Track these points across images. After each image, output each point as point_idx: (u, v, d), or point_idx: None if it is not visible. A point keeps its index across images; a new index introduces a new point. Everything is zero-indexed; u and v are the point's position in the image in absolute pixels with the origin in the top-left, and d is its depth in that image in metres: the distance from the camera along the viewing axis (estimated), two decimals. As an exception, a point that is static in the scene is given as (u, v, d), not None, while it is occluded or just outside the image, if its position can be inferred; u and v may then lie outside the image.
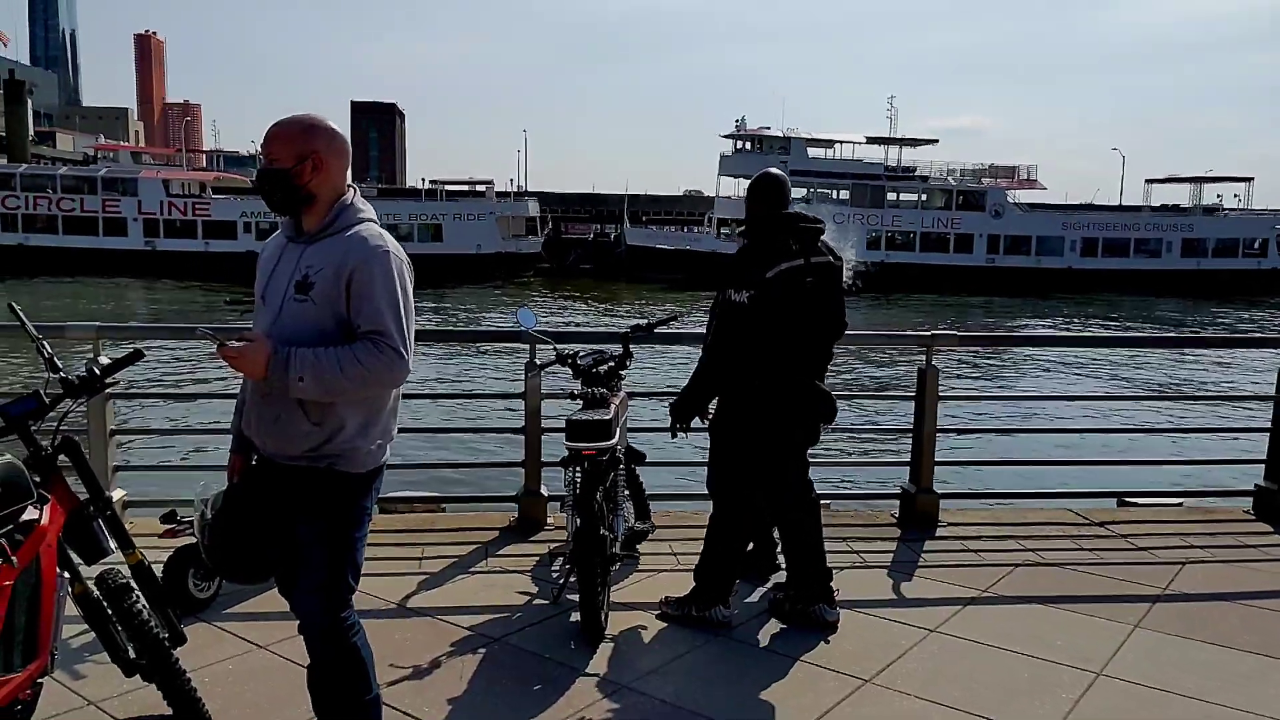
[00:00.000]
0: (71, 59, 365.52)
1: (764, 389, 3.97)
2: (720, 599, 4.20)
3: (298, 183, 2.68)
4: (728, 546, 4.19)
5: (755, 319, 3.89)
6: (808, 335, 4.01)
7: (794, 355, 3.99)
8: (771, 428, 4.04)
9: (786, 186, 4.11)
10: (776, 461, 4.13)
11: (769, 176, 4.12)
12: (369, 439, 2.78)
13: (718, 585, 4.20)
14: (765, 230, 4.01)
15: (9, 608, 2.58)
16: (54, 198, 48.12)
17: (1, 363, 20.30)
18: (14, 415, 2.79)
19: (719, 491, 4.21)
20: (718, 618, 4.18)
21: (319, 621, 2.78)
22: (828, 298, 3.99)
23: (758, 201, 4.07)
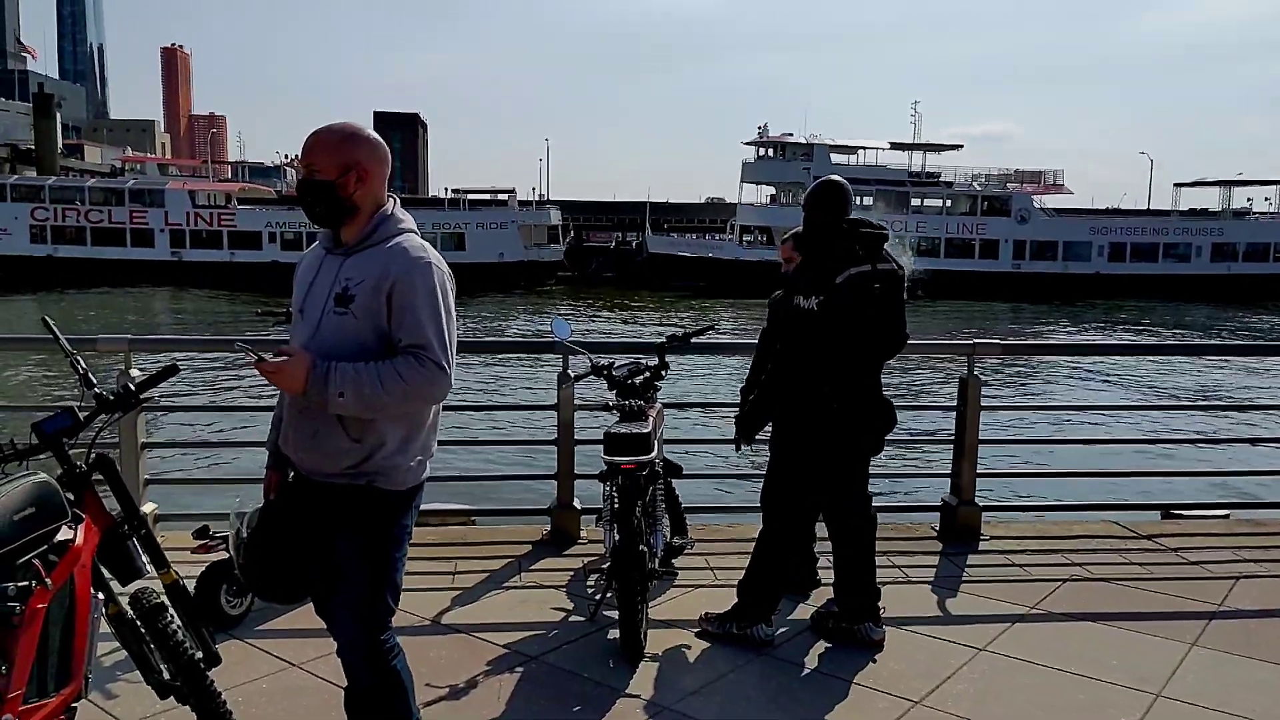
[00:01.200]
0: (99, 73, 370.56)
1: (834, 396, 3.87)
2: (763, 617, 4.09)
3: (342, 195, 2.60)
4: (776, 562, 4.09)
5: (825, 325, 3.80)
6: (874, 342, 3.91)
7: (862, 362, 3.92)
8: (841, 435, 3.94)
9: (848, 193, 4.02)
10: (845, 469, 4.05)
11: (832, 183, 4.02)
12: (409, 456, 2.70)
13: (762, 602, 4.10)
14: (827, 236, 3.90)
15: (43, 630, 2.52)
16: (82, 209, 48.69)
17: (32, 376, 20.48)
18: (48, 432, 2.73)
19: (775, 504, 4.10)
20: (760, 636, 4.07)
21: (358, 644, 2.70)
22: (892, 306, 3.90)
23: (819, 208, 3.95)
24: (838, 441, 3.95)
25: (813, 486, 4.04)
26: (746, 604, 4.10)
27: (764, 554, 4.11)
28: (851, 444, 3.99)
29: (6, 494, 2.46)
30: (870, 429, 4.00)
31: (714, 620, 4.17)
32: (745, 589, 4.13)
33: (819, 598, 4.56)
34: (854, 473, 4.10)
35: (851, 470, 4.08)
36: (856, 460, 4.08)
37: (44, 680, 2.55)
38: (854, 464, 4.08)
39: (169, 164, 72.12)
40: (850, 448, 4.01)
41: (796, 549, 4.24)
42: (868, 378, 3.97)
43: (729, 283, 45.99)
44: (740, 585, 4.16)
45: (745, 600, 4.11)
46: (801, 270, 3.89)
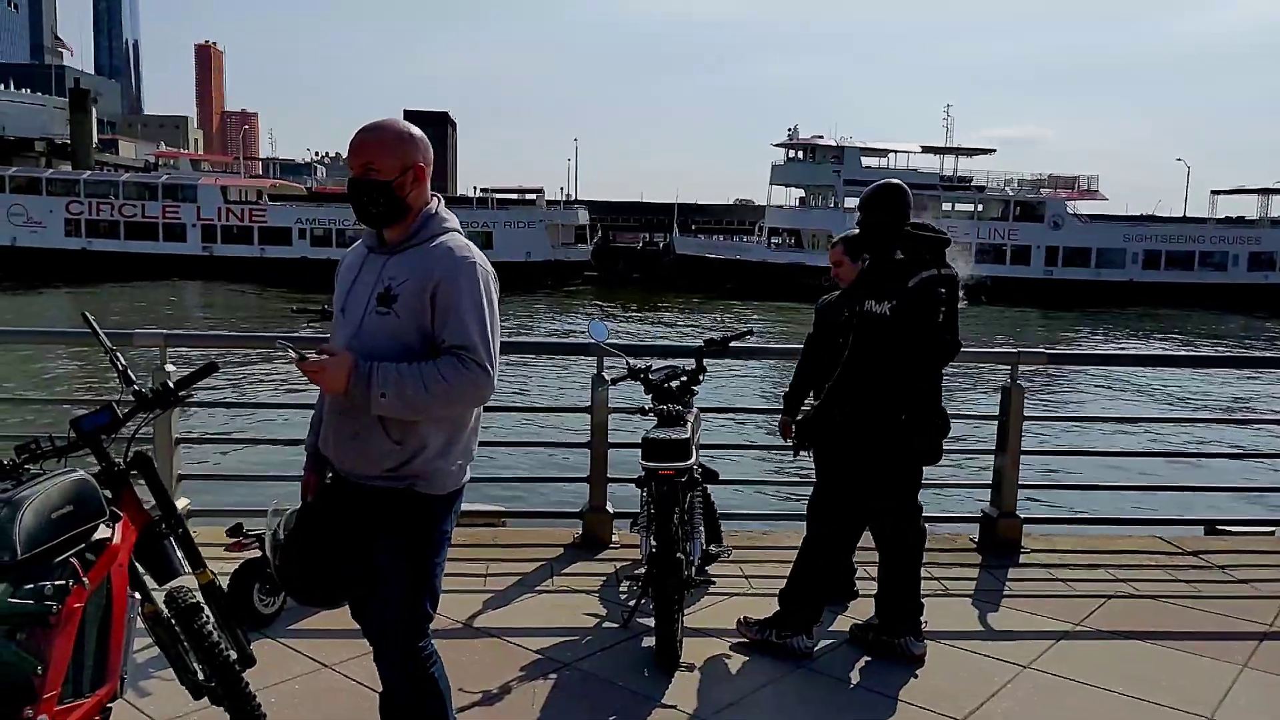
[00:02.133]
0: (134, 68, 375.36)
1: (902, 403, 3.78)
2: (804, 627, 4.01)
3: (399, 195, 2.56)
4: (821, 571, 4.01)
5: (897, 331, 3.71)
6: (939, 349, 3.83)
7: (927, 369, 3.83)
8: (904, 443, 3.85)
9: (909, 195, 3.93)
10: (903, 478, 3.97)
11: (893, 185, 3.92)
12: (450, 459, 2.64)
13: (803, 612, 4.01)
14: (889, 239, 3.80)
15: (79, 630, 2.48)
16: (116, 204, 49.25)
17: (66, 368, 20.71)
18: (87, 430, 2.70)
19: (826, 512, 4.01)
20: (799, 647, 3.99)
21: (395, 650, 2.65)
22: (951, 312, 3.81)
23: (880, 209, 3.85)
24: (900, 449, 3.86)
25: (870, 495, 3.94)
26: (788, 613, 4.02)
27: (809, 562, 4.02)
28: (911, 452, 3.90)
29: (44, 492, 2.43)
30: (929, 437, 3.91)
31: (753, 625, 4.09)
32: (787, 597, 4.05)
33: (856, 610, 4.47)
34: (911, 482, 4.00)
35: (908, 479, 3.99)
36: (914, 469, 3.99)
37: (80, 680, 2.51)
38: (911, 473, 3.98)
39: (201, 160, 72.94)
40: (910, 456, 3.91)
41: (843, 559, 4.15)
42: (930, 385, 3.89)
43: (756, 285, 45.82)
44: (782, 594, 4.08)
45: (786, 609, 4.03)
46: (871, 274, 3.76)
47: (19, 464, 2.58)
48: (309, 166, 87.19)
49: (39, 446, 2.64)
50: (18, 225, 48.02)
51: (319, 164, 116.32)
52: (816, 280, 38.34)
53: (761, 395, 18.54)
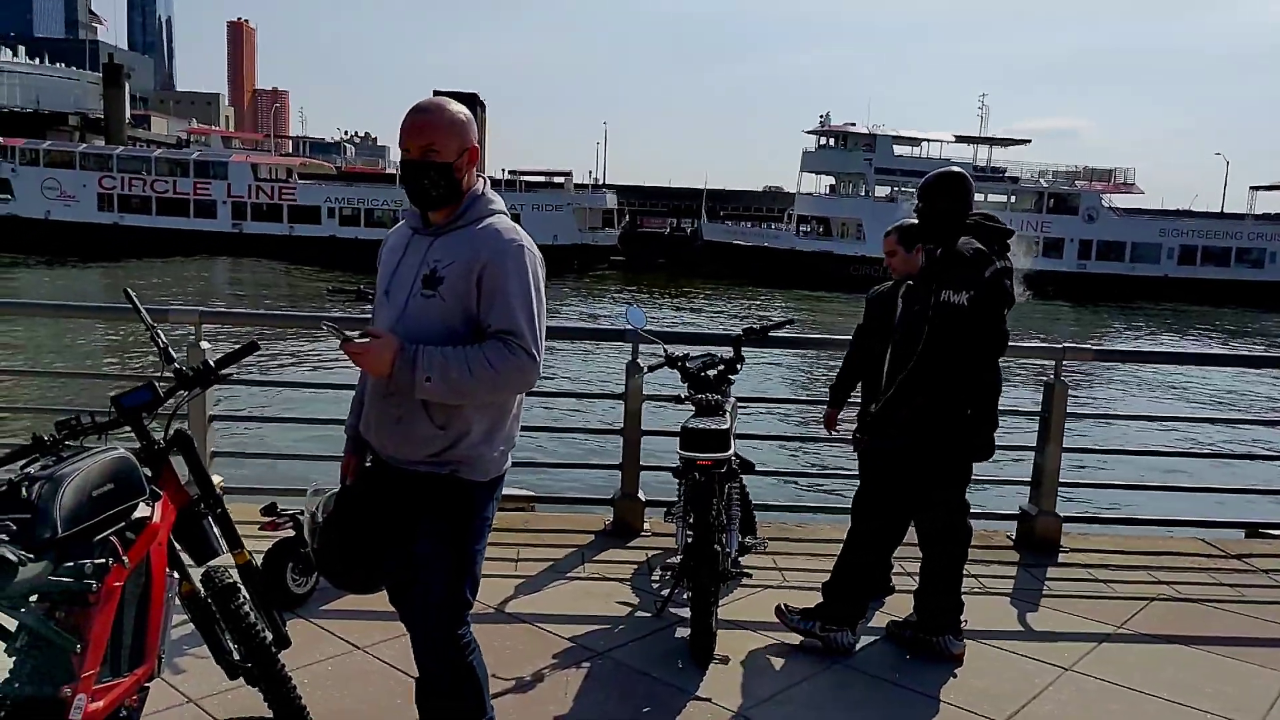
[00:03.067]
0: (167, 45, 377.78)
1: (970, 397, 3.69)
2: (849, 622, 3.93)
3: (458, 177, 2.51)
4: (869, 565, 3.93)
5: (974, 322, 3.60)
6: (1003, 341, 3.75)
7: (994, 361, 3.74)
8: (969, 437, 3.76)
9: (972, 185, 3.83)
10: (959, 474, 3.87)
11: (958, 173, 3.81)
12: (493, 445, 2.60)
13: (849, 606, 3.93)
14: (954, 227, 3.68)
15: (118, 609, 2.46)
16: (148, 179, 49.61)
17: (101, 342, 20.93)
18: (127, 407, 2.67)
19: (877, 506, 3.90)
20: (842, 643, 3.91)
21: (434, 637, 2.61)
22: (1009, 306, 3.73)
23: (946, 197, 3.72)
24: (962, 444, 3.77)
25: (925, 490, 3.84)
26: (832, 607, 3.94)
27: (857, 558, 3.93)
28: (970, 447, 3.80)
29: (85, 470, 2.40)
30: (985, 433, 3.82)
31: (794, 616, 4.01)
32: (832, 592, 3.97)
33: (892, 605, 4.40)
34: (963, 477, 3.91)
35: (962, 475, 3.89)
36: (967, 465, 3.89)
37: (117, 659, 2.49)
38: (965, 468, 3.89)
39: (232, 137, 73.33)
40: (969, 452, 3.82)
41: (890, 553, 4.06)
42: (994, 379, 3.81)
43: (784, 273, 45.59)
44: (826, 586, 4.01)
45: (831, 603, 3.95)
46: (946, 263, 3.61)
47: (59, 440, 2.56)
48: (338, 146, 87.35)
49: (79, 423, 2.61)
50: (51, 199, 48.50)
51: (348, 143, 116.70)
52: (845, 269, 38.29)
53: (789, 385, 18.45)
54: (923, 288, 3.60)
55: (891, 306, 4.14)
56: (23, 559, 2.14)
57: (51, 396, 12.04)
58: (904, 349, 3.64)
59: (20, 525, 2.22)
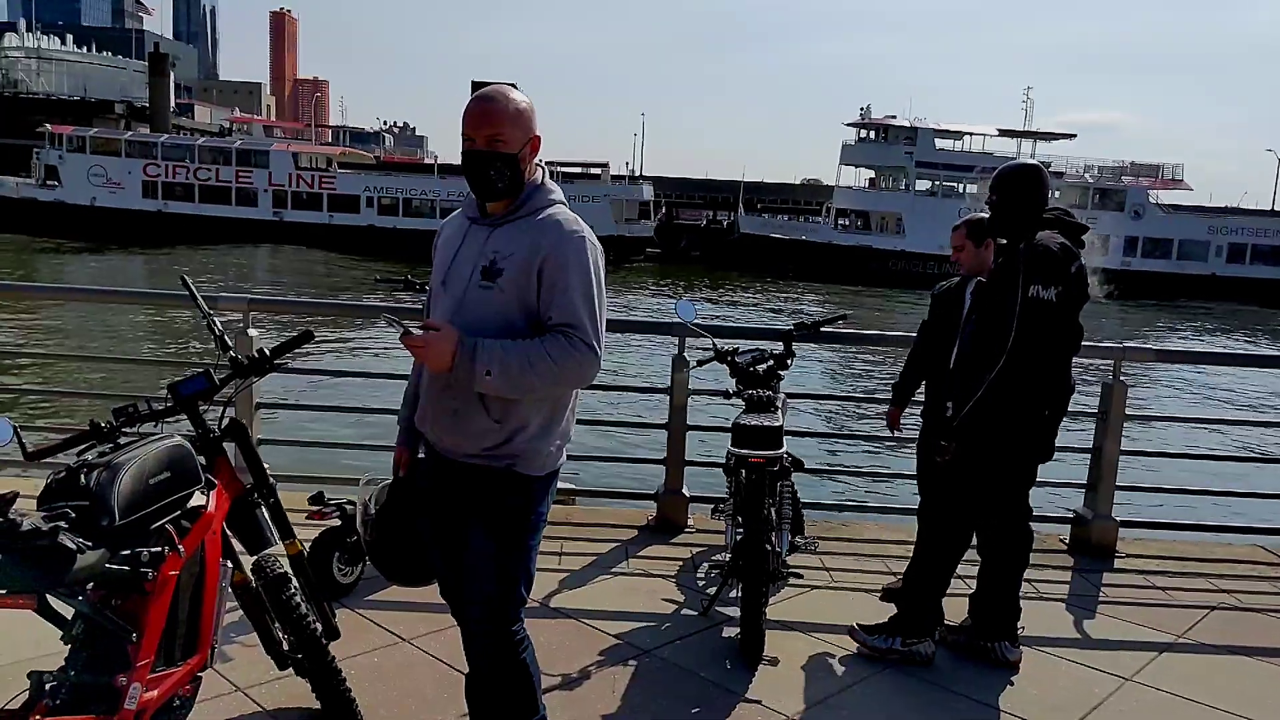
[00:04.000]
0: (211, 34, 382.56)
1: (1050, 397, 3.58)
2: (929, 631, 3.79)
3: (521, 167, 2.45)
4: (945, 572, 3.79)
5: (1061, 318, 3.50)
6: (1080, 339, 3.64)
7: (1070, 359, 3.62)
8: (1043, 439, 3.65)
9: (1049, 179, 3.72)
10: (1029, 475, 3.75)
11: (1037, 167, 3.69)
12: (549, 439, 2.55)
13: (927, 615, 3.79)
14: (1032, 222, 3.55)
15: (173, 598, 2.44)
16: (192, 167, 50.19)
17: (146, 327, 21.22)
18: (184, 395, 2.65)
19: (953, 511, 3.75)
20: (924, 654, 3.77)
21: (488, 633, 2.57)
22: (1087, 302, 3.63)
23: (1027, 190, 3.59)
24: (1034, 447, 3.66)
25: (999, 493, 3.72)
26: (909, 617, 3.79)
27: (932, 564, 3.78)
28: (1040, 450, 3.69)
29: (143, 457, 2.38)
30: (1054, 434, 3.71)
31: (873, 635, 3.84)
32: (907, 601, 3.82)
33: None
34: (1030, 481, 3.80)
35: (1029, 478, 3.78)
36: (1034, 467, 3.78)
37: (171, 649, 2.48)
38: (1032, 471, 3.77)
39: (274, 126, 74.06)
40: (1037, 454, 3.71)
41: (960, 558, 3.94)
42: (1070, 378, 3.70)
43: (821, 267, 45.23)
44: (900, 596, 3.87)
45: (908, 613, 3.80)
46: (1033, 258, 3.46)
47: (116, 427, 2.55)
48: (377, 135, 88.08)
49: (136, 410, 2.60)
50: (97, 186, 49.23)
51: (387, 133, 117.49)
52: (884, 264, 37.90)
53: (828, 380, 18.29)
54: (1007, 283, 3.43)
55: (959, 303, 4.03)
56: (81, 546, 2.13)
57: (93, 381, 12.23)
58: (985, 347, 3.47)
59: (79, 512, 2.20)
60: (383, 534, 2.80)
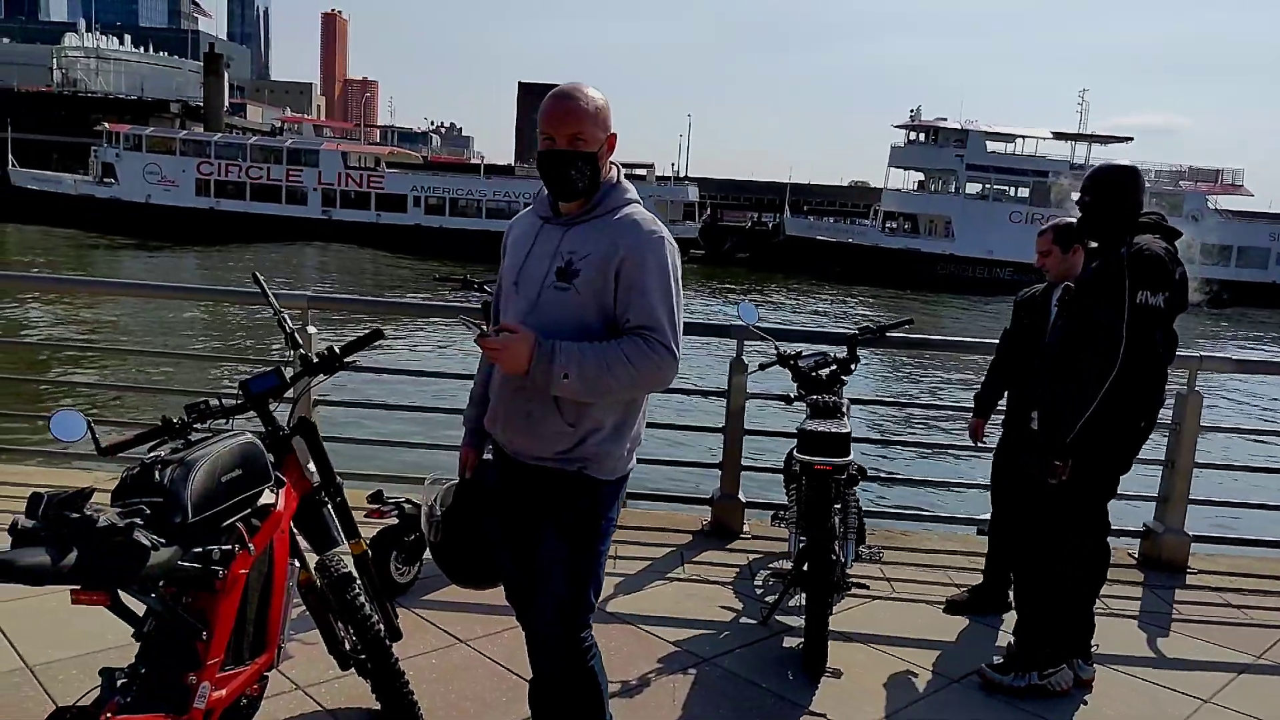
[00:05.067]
0: (264, 35, 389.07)
1: (1148, 407, 3.44)
2: (1063, 658, 3.62)
3: (601, 166, 2.41)
4: (1083, 592, 3.64)
5: (1167, 325, 3.37)
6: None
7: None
8: (1133, 451, 3.51)
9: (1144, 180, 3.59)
10: (1112, 489, 3.59)
11: (1133, 168, 3.54)
12: (621, 443, 2.49)
13: (1059, 642, 3.62)
14: (1130, 226, 3.41)
15: (242, 597, 2.43)
16: (244, 166, 50.99)
17: (194, 327, 21.57)
18: (255, 392, 2.64)
19: (1065, 529, 3.56)
20: (1064, 684, 3.59)
21: (556, 640, 2.52)
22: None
23: (1125, 192, 3.45)
24: (1124, 459, 3.54)
25: (1085, 507, 3.56)
26: (1041, 649, 3.60)
27: (1060, 586, 3.59)
28: (1127, 462, 3.56)
29: (215, 454, 2.37)
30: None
31: (1005, 672, 3.63)
32: (1033, 633, 3.62)
33: (1010, 624, 4.18)
34: (1111, 494, 3.66)
35: (1111, 492, 3.64)
36: (1116, 480, 3.63)
37: (240, 647, 2.46)
38: (1115, 484, 3.62)
39: (324, 126, 75.10)
40: (1122, 466, 3.58)
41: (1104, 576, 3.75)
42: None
43: (868, 270, 44.80)
44: (1023, 630, 3.66)
45: (1039, 645, 3.60)
46: (1140, 263, 3.30)
47: (188, 423, 2.54)
48: (425, 136, 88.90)
49: (207, 406, 2.59)
50: (152, 183, 50.22)
51: (434, 133, 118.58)
52: (931, 268, 37.37)
53: (879, 385, 18.06)
54: (1112, 289, 3.26)
55: (1044, 310, 3.91)
56: (155, 543, 2.11)
57: (150, 376, 12.44)
58: (1093, 358, 3.28)
59: (152, 509, 2.19)
60: (449, 536, 2.76)
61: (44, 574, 1.96)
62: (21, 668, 3.31)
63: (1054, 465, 3.32)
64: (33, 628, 3.51)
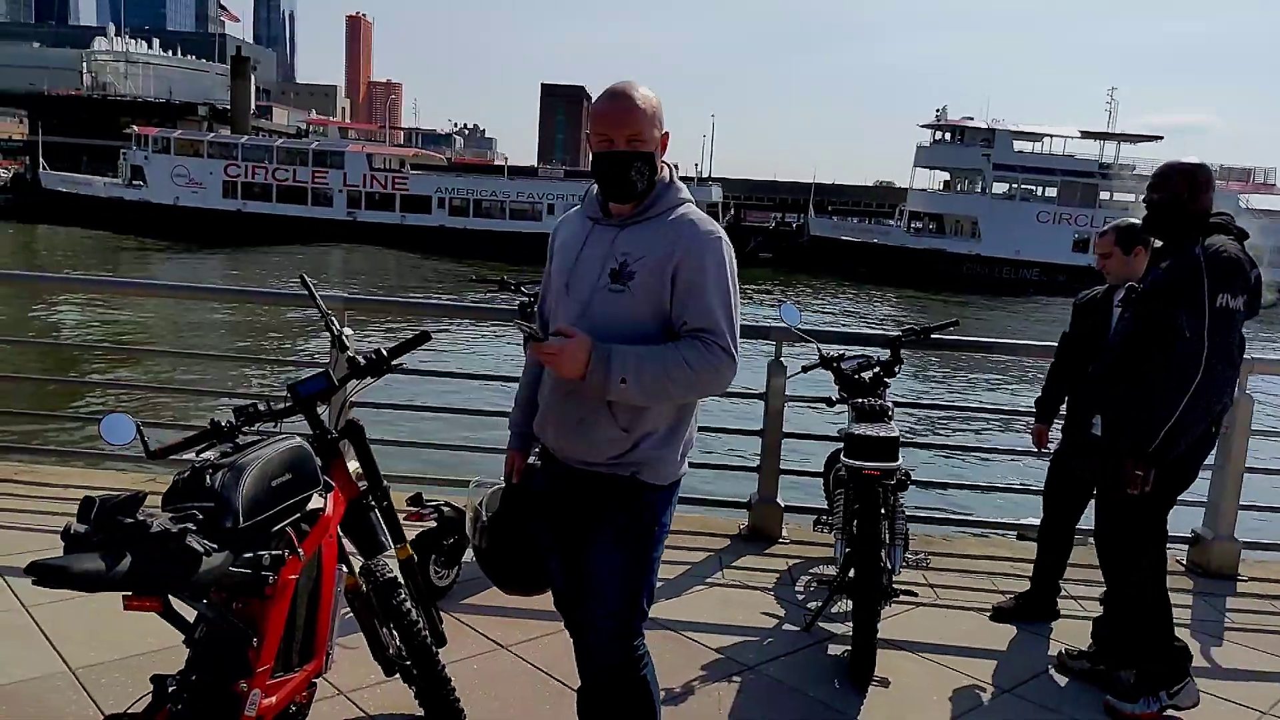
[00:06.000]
0: (289, 38, 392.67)
1: (1223, 410, 3.35)
2: (1184, 672, 3.51)
3: (657, 164, 2.37)
4: (1162, 605, 3.52)
5: (1240, 327, 3.28)
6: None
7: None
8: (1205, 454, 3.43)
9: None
10: (1174, 496, 3.50)
11: (1202, 165, 3.42)
12: (675, 448, 2.45)
13: (1173, 657, 3.51)
14: (1200, 225, 3.30)
15: (291, 603, 2.40)
16: (270, 168, 51.40)
17: (218, 328, 21.73)
18: (303, 395, 2.62)
19: (1154, 536, 3.48)
20: (1193, 698, 3.48)
21: (609, 650, 2.47)
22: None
23: (1196, 191, 3.34)
24: (1199, 466, 3.44)
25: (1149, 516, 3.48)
26: (1158, 667, 3.48)
27: (1149, 603, 3.49)
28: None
29: (266, 459, 2.34)
30: None
31: (1132, 699, 3.48)
32: (1148, 653, 3.51)
33: (1060, 633, 4.11)
34: (1172, 502, 3.57)
35: (1173, 500, 3.55)
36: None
37: (289, 654, 2.43)
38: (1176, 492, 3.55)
39: (349, 128, 75.57)
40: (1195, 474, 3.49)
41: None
42: None
43: (893, 270, 44.53)
44: (1139, 653, 3.54)
45: (1155, 664, 3.49)
46: (1218, 265, 3.19)
47: (236, 426, 2.51)
48: (448, 137, 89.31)
49: (256, 409, 2.57)
50: (180, 186, 50.71)
51: (458, 135, 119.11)
52: (958, 268, 37.03)
53: (914, 386, 17.91)
54: (1191, 291, 3.15)
55: (1104, 313, 3.82)
56: (207, 549, 2.08)
57: (177, 377, 12.51)
58: (1171, 363, 3.16)
59: (204, 514, 2.16)
60: (497, 541, 2.73)
61: (98, 580, 1.94)
62: (64, 670, 3.30)
63: (1134, 475, 3.20)
64: (75, 630, 3.51)
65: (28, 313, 20.83)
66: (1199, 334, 3.12)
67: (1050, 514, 4.21)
